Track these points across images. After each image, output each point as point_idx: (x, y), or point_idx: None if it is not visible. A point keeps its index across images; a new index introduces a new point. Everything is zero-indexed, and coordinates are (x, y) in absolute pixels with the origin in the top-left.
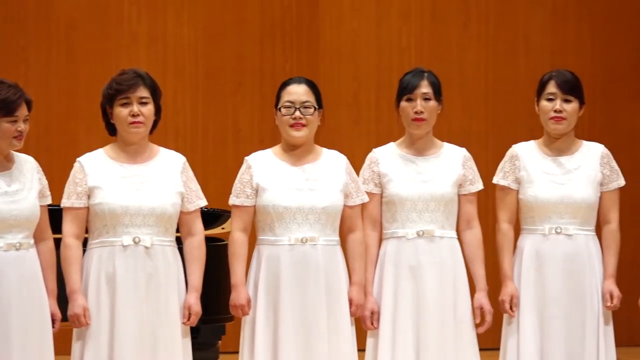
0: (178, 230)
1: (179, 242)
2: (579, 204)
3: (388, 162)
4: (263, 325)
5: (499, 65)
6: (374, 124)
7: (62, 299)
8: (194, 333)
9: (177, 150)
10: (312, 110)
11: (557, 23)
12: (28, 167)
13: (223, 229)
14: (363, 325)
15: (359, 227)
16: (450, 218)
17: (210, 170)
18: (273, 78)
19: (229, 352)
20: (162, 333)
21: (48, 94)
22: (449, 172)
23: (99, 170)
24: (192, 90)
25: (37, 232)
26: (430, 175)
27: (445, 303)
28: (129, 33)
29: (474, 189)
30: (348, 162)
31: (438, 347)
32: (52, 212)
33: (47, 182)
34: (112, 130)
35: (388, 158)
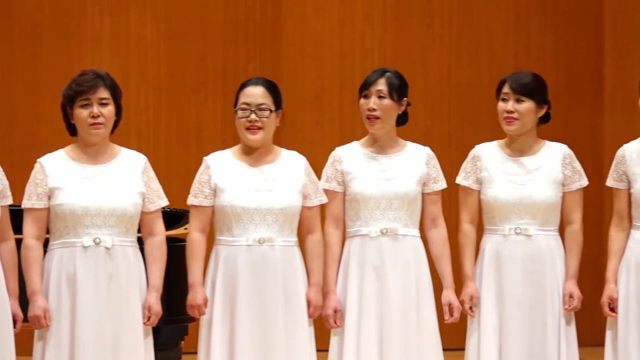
0: (139, 231)
1: (140, 242)
2: (539, 205)
3: (351, 160)
4: (219, 326)
5: (462, 66)
6: (337, 125)
7: (23, 300)
8: (155, 333)
9: (139, 150)
10: (267, 113)
11: (520, 24)
12: None
13: (185, 229)
14: (326, 324)
15: (318, 228)
16: (414, 217)
17: (173, 171)
18: (236, 78)
19: (192, 352)
20: (123, 334)
21: (11, 95)
22: (413, 170)
23: (60, 171)
24: (154, 90)
25: None
26: (394, 174)
27: (409, 303)
28: (92, 33)
29: (438, 188)
30: (307, 163)
31: (402, 347)
32: (14, 212)
33: (7, 182)
34: (72, 131)
35: (351, 156)
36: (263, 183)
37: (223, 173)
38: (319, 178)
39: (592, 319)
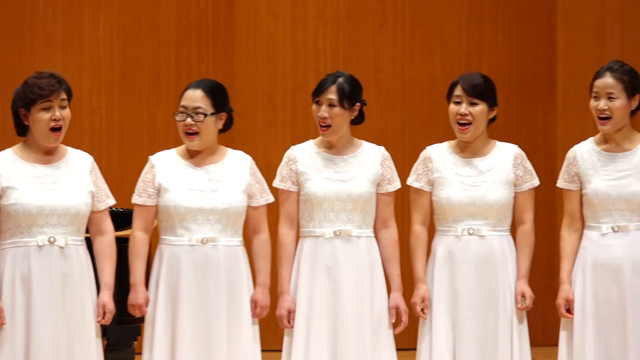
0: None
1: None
2: (492, 206)
3: (306, 160)
4: (162, 326)
5: (415, 65)
6: (290, 125)
7: None
8: (107, 334)
9: (92, 151)
10: (202, 117)
11: (472, 23)
12: None
13: None
14: (280, 324)
15: (265, 228)
16: (368, 218)
17: (126, 171)
18: (189, 79)
19: None
20: (77, 333)
21: None
22: (368, 171)
23: (11, 171)
24: (107, 91)
25: None
26: (348, 175)
27: (362, 303)
28: (45, 33)
29: (392, 189)
30: (253, 162)
31: (355, 347)
32: None
33: None
34: (21, 131)
35: (306, 156)
36: (207, 183)
37: (167, 173)
38: (274, 178)
39: (544, 319)
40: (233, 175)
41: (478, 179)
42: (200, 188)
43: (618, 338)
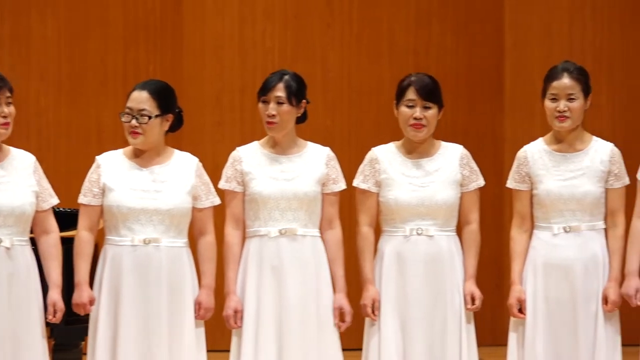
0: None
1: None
2: (440, 206)
3: (251, 160)
4: (104, 326)
5: (362, 65)
6: (238, 125)
7: None
8: (53, 333)
9: (40, 151)
10: (146, 119)
11: (420, 23)
12: None
13: None
14: (227, 325)
15: (210, 229)
16: (314, 217)
17: (73, 171)
18: (136, 79)
19: None
20: (24, 333)
21: None
22: (312, 171)
23: None
24: (55, 91)
25: None
26: (294, 174)
27: (307, 303)
28: None
29: (337, 189)
30: (199, 164)
31: (300, 346)
32: None
33: None
34: None
35: (251, 156)
36: (151, 184)
37: (112, 173)
38: (220, 178)
39: (492, 319)
40: (178, 177)
41: (426, 180)
42: (144, 188)
43: (569, 338)
